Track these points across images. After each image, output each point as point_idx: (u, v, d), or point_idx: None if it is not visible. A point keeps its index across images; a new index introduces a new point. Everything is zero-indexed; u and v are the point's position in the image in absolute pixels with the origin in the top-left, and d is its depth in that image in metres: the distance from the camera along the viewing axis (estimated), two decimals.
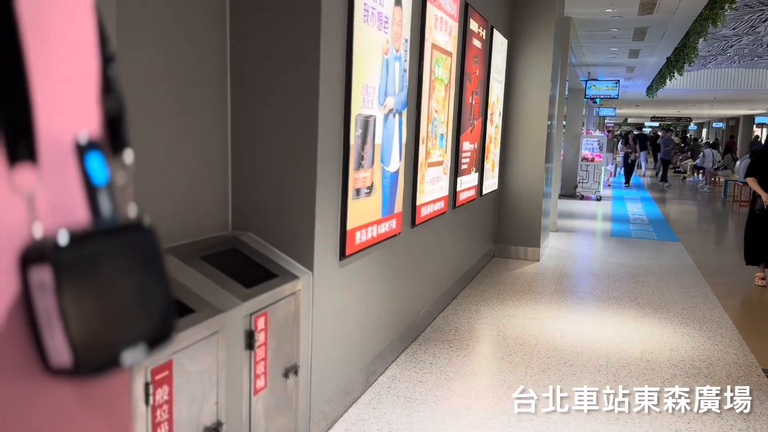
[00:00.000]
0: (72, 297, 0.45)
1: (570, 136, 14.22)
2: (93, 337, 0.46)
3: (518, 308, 5.34)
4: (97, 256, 0.47)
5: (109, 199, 0.49)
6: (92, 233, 0.47)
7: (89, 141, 0.48)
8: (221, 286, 2.29)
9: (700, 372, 4.07)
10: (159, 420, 1.86)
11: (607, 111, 25.38)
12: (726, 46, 13.26)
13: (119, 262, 0.48)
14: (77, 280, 0.45)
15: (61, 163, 0.46)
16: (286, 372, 2.59)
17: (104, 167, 0.49)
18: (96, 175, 0.48)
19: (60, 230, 0.45)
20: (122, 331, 0.48)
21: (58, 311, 0.44)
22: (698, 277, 6.78)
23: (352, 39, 2.93)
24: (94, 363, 0.46)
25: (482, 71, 5.78)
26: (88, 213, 0.48)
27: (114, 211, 0.50)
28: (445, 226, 5.10)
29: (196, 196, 2.61)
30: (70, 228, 0.46)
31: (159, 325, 0.51)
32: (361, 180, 3.17)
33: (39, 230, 0.45)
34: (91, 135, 0.49)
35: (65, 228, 0.46)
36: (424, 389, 3.61)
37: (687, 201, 15.73)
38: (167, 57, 2.39)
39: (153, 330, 0.50)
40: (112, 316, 0.47)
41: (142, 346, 0.49)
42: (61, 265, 0.44)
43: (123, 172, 0.52)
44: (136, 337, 0.49)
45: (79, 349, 0.45)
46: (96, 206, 0.48)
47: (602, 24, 9.99)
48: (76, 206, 0.48)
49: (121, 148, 0.52)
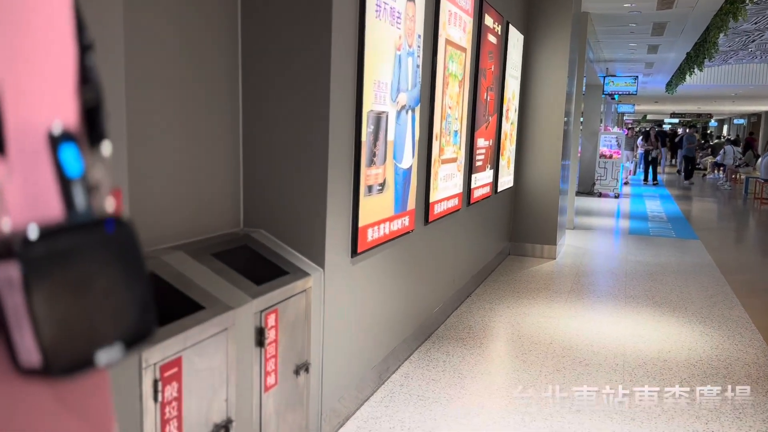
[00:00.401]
0: (42, 294, 0.43)
1: (588, 133, 14.10)
2: (65, 337, 0.44)
3: (533, 306, 5.29)
4: (70, 251, 0.45)
5: (84, 192, 0.47)
6: (65, 228, 0.46)
7: (63, 132, 0.46)
8: (232, 283, 2.29)
9: (718, 372, 4.01)
10: (168, 417, 1.86)
11: (625, 107, 25.14)
12: (747, 40, 13.06)
13: (94, 257, 0.46)
14: (48, 276, 0.43)
15: (32, 155, 0.44)
16: (297, 369, 2.58)
17: (79, 159, 0.47)
18: (70, 168, 0.46)
19: (30, 224, 0.43)
20: (97, 330, 0.46)
21: (26, 309, 0.42)
22: (717, 276, 6.68)
23: (363, 35, 2.90)
24: (66, 363, 0.44)
25: (497, 67, 5.74)
26: (62, 207, 0.46)
27: (89, 205, 0.48)
28: (459, 223, 5.06)
29: (207, 192, 2.60)
30: (42, 222, 0.44)
31: (136, 323, 0.49)
32: (373, 177, 3.15)
33: (7, 225, 0.44)
34: (65, 126, 0.47)
35: (36, 222, 0.44)
36: (437, 387, 3.59)
37: (707, 198, 15.54)
38: (177, 52, 2.38)
39: (130, 329, 0.48)
40: (85, 314, 0.45)
41: (119, 346, 0.47)
42: (31, 260, 0.42)
43: (100, 164, 0.50)
44: (112, 337, 0.47)
45: (50, 349, 0.43)
46: (70, 200, 0.46)
47: (620, 19, 9.88)
48: (49, 200, 0.46)
49: (98, 139, 0.50)
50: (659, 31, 11.02)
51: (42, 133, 0.45)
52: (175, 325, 1.90)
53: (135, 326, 0.49)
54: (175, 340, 1.86)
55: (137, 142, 2.17)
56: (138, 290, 0.49)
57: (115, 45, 1.60)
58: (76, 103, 0.48)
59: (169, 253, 2.25)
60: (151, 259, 2.17)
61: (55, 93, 0.46)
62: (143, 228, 2.21)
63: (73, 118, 0.48)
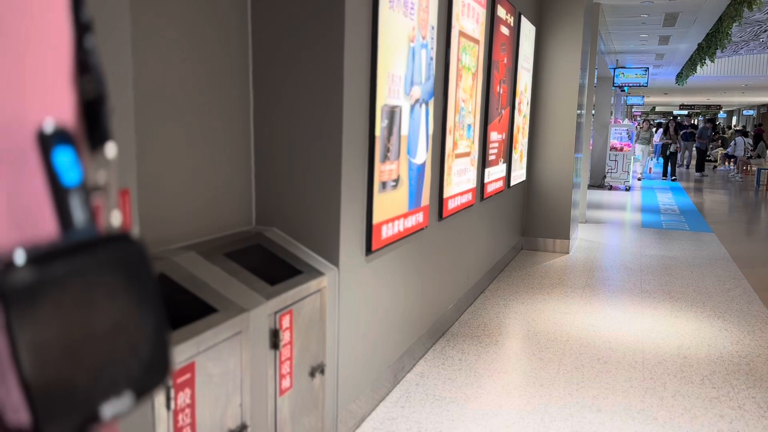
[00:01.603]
0: (31, 335, 0.33)
1: (598, 125, 13.95)
2: (61, 388, 0.34)
3: (548, 302, 5.20)
4: (66, 279, 0.35)
5: (84, 204, 0.38)
6: (60, 249, 0.36)
7: (57, 130, 0.37)
8: (245, 284, 2.22)
9: (740, 369, 3.91)
10: (181, 425, 1.79)
11: (635, 99, 24.91)
12: (759, 31, 12.89)
13: (96, 286, 0.37)
14: (38, 312, 0.34)
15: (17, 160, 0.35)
16: (312, 371, 2.51)
17: (76, 164, 0.37)
18: (66, 174, 0.37)
19: (16, 248, 0.34)
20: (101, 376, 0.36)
21: (11, 356, 0.33)
22: (734, 269, 6.57)
23: (377, 26, 2.81)
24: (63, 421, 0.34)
25: (510, 59, 5.63)
26: (56, 223, 0.37)
27: (90, 220, 0.38)
28: (473, 218, 4.98)
29: (219, 191, 2.53)
30: (31, 243, 0.35)
31: (149, 365, 0.39)
32: (387, 173, 3.07)
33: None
34: (59, 123, 0.37)
35: (24, 244, 0.34)
36: (453, 387, 3.51)
37: (719, 190, 15.36)
38: (186, 49, 2.30)
39: (141, 372, 0.38)
40: (86, 358, 0.36)
41: (128, 395, 0.37)
42: (16, 293, 0.33)
43: (104, 170, 0.40)
44: (120, 384, 0.37)
45: (42, 405, 0.33)
46: (66, 214, 0.37)
47: (632, 10, 9.74)
48: (40, 215, 0.36)
49: (101, 140, 0.41)
50: (671, 22, 10.86)
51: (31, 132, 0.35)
52: (187, 330, 1.83)
53: (147, 368, 0.39)
54: (188, 345, 1.79)
55: (146, 139, 2.10)
56: (151, 323, 0.39)
57: (123, 34, 1.52)
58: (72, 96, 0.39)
59: (181, 254, 2.18)
60: (162, 260, 2.10)
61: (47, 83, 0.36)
62: (153, 227, 2.15)
63: (70, 115, 0.39)
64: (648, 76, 16.04)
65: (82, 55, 0.40)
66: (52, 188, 0.37)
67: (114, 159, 0.40)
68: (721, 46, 11.80)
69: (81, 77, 0.39)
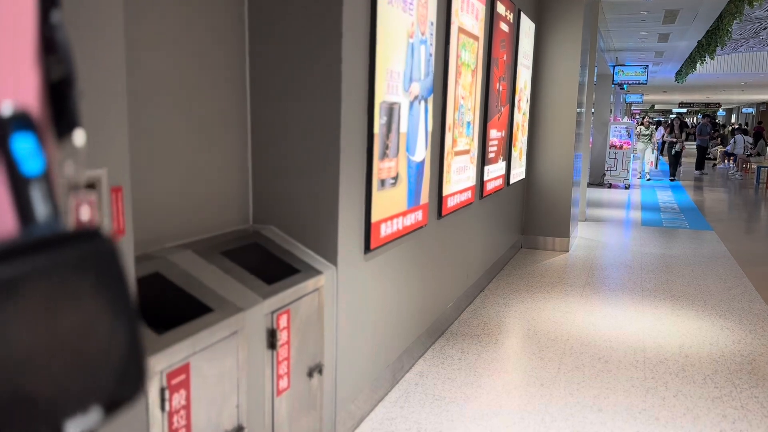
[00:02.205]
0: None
1: (598, 123, 13.91)
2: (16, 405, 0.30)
3: (548, 301, 5.17)
4: (26, 279, 0.31)
5: (47, 196, 0.33)
6: (20, 247, 0.32)
7: (16, 114, 0.33)
8: (242, 283, 2.18)
9: (743, 368, 3.88)
10: (176, 426, 1.76)
11: (634, 97, 24.88)
12: (759, 28, 12.85)
13: (61, 288, 0.32)
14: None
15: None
16: (310, 371, 2.48)
17: (39, 152, 0.33)
18: (26, 163, 0.33)
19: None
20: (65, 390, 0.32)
21: None
22: (735, 268, 6.54)
23: (375, 21, 2.78)
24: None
25: (510, 56, 5.59)
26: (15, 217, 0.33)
27: (54, 215, 0.34)
28: (472, 217, 4.94)
29: (215, 188, 2.49)
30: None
31: (122, 375, 0.34)
32: (386, 170, 3.03)
33: None
34: (19, 106, 0.33)
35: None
36: (452, 386, 3.47)
37: (718, 188, 15.33)
38: (183, 44, 2.27)
39: (113, 383, 0.34)
40: (48, 368, 0.31)
41: (96, 410, 0.33)
42: None
43: (71, 160, 0.36)
44: (87, 398, 0.33)
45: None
46: (26, 207, 0.33)
47: (632, 7, 9.70)
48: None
49: (69, 127, 0.36)
50: (671, 19, 10.83)
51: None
52: (182, 330, 1.80)
53: (118, 380, 0.34)
54: (183, 346, 1.75)
55: (142, 135, 2.06)
56: (123, 329, 0.35)
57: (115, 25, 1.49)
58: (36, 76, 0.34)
59: (176, 252, 2.15)
60: (158, 259, 2.07)
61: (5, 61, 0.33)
62: (149, 226, 2.11)
63: (33, 98, 0.34)
64: (647, 74, 16.02)
65: (48, 32, 0.35)
66: (10, 178, 0.33)
67: (83, 147, 0.37)
68: (722, 43, 11.77)
69: (46, 56, 0.35)
